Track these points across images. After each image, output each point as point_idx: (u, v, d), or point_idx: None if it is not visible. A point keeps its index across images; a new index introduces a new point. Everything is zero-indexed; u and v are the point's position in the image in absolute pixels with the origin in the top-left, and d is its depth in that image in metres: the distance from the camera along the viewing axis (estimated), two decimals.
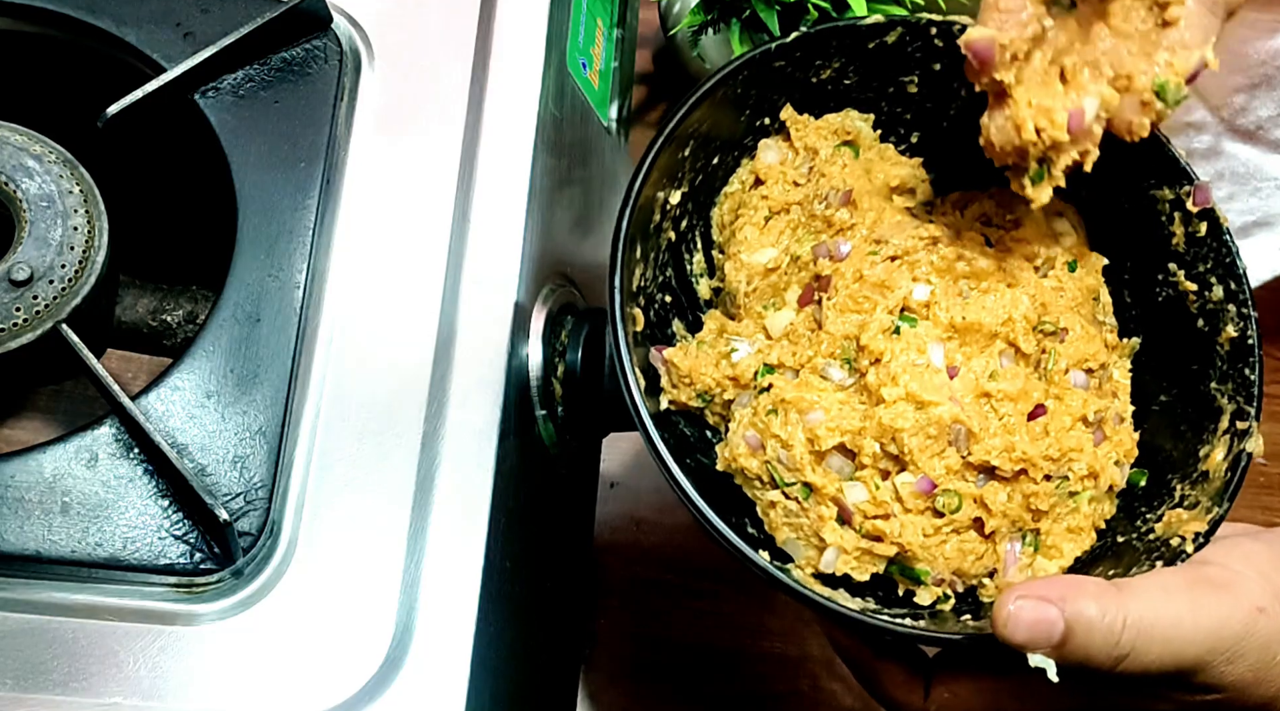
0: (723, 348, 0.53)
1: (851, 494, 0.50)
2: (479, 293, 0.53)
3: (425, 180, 0.55)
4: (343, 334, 0.52)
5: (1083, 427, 0.51)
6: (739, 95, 0.55)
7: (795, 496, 0.50)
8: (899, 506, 0.49)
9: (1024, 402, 0.50)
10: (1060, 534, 0.51)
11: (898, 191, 0.56)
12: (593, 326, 0.56)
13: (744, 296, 0.55)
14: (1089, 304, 0.55)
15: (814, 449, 0.50)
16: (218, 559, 0.48)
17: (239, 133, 0.54)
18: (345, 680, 0.47)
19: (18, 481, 0.48)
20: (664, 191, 0.54)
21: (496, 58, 0.57)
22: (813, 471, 0.50)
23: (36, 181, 0.53)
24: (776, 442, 0.50)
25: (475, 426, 0.51)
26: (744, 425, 0.51)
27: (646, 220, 0.53)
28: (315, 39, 0.56)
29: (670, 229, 0.55)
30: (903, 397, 0.49)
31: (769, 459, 0.50)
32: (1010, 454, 0.49)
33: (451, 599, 0.48)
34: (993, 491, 0.50)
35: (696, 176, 0.56)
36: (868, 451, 0.49)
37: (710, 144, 0.55)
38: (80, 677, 0.47)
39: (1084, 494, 0.51)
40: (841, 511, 0.50)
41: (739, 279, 0.55)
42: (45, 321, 0.51)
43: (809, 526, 0.50)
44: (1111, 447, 0.52)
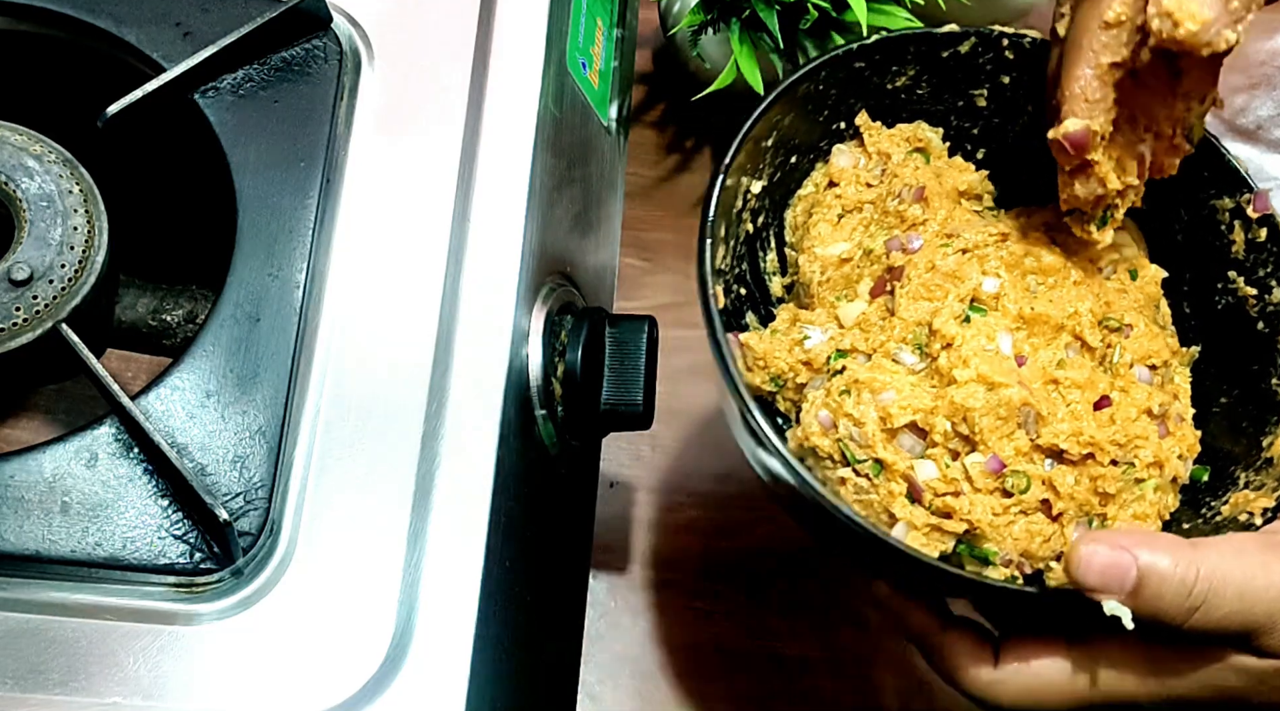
0: (796, 335, 0.54)
1: (922, 471, 0.51)
2: (479, 292, 0.53)
3: (425, 179, 0.55)
4: (342, 333, 0.52)
5: (1147, 419, 0.53)
6: (819, 93, 0.57)
7: (866, 473, 0.51)
8: (968, 485, 0.51)
9: (1090, 391, 0.52)
10: (1126, 520, 0.52)
11: (965, 196, 0.58)
12: (592, 326, 0.56)
13: (817, 286, 0.57)
14: (1150, 308, 0.57)
15: (886, 427, 0.51)
16: (218, 558, 0.48)
17: (239, 132, 0.54)
18: (345, 679, 0.47)
19: (17, 481, 0.48)
20: (747, 178, 0.56)
21: (496, 57, 0.57)
22: (884, 448, 0.51)
23: (36, 181, 0.53)
24: (849, 421, 0.51)
25: (475, 426, 0.51)
26: (817, 405, 0.53)
27: (730, 203, 0.55)
28: (315, 39, 0.56)
29: (749, 221, 0.57)
30: (974, 379, 0.51)
31: (841, 437, 0.52)
32: (1078, 438, 0.50)
33: (451, 599, 0.48)
34: (1060, 474, 0.51)
35: (775, 172, 0.57)
36: (939, 430, 0.51)
37: (789, 142, 0.57)
38: (80, 677, 0.47)
39: (1149, 482, 0.52)
40: (912, 488, 0.51)
41: (812, 270, 0.57)
42: (45, 321, 0.51)
43: (879, 503, 0.51)
44: (1175, 442, 0.53)
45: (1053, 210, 0.57)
